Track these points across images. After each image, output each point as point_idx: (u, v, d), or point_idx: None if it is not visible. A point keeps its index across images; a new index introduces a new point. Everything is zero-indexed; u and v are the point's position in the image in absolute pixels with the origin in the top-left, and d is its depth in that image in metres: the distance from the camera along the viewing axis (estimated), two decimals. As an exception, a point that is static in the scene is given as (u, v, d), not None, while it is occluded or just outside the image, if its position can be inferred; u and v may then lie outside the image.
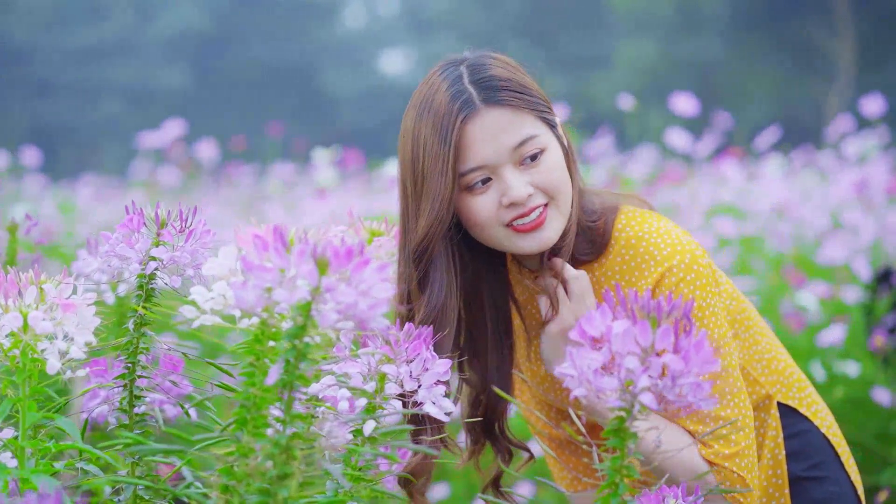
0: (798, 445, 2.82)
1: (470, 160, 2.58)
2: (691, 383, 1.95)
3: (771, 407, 2.80)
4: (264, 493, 1.87)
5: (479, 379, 2.82)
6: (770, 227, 6.21)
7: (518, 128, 2.58)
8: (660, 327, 1.95)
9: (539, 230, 2.61)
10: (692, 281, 2.60)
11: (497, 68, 2.63)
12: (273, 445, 1.89)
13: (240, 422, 1.94)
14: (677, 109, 6.65)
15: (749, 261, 6.13)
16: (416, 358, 2.21)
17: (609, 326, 1.97)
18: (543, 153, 2.60)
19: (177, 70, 33.69)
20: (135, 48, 33.55)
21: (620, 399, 1.95)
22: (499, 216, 2.60)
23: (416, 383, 2.21)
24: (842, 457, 2.84)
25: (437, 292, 2.64)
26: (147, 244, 2.23)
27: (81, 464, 2.15)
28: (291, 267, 1.87)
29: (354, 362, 2.21)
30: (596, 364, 1.95)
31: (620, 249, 2.67)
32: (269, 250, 1.89)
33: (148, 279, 2.25)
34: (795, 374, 2.86)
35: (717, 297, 2.63)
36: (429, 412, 2.19)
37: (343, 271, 1.87)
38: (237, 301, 1.87)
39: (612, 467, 2.00)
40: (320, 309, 1.86)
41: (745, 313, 2.82)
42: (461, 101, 2.58)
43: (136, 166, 9.95)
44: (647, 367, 1.94)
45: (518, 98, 2.60)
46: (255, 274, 1.86)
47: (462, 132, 2.57)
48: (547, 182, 2.59)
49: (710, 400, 1.97)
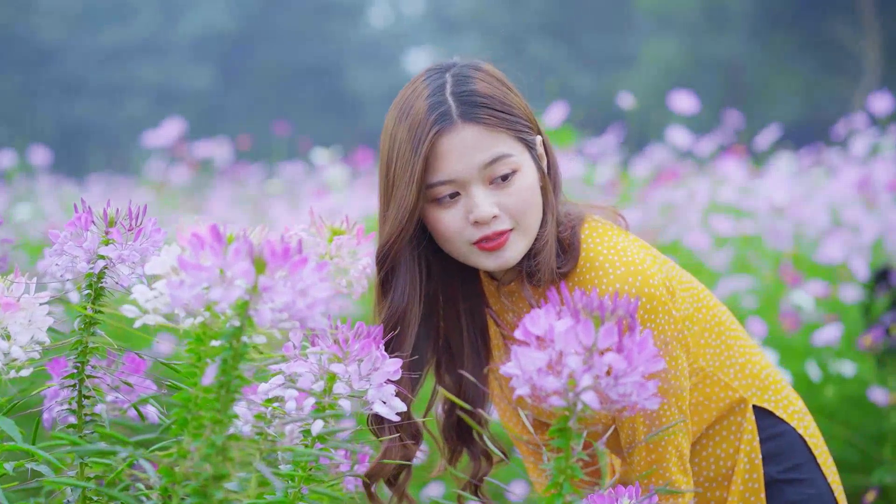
0: (774, 448, 2.80)
1: (439, 173, 2.56)
2: (635, 382, 1.93)
3: (746, 410, 2.78)
4: (200, 494, 1.86)
5: (455, 385, 2.81)
6: (769, 225, 6.17)
7: (491, 146, 2.56)
8: (603, 326, 1.93)
9: (500, 251, 2.59)
10: (642, 305, 2.57)
11: (481, 83, 2.60)
12: (209, 446, 1.87)
13: (180, 422, 1.93)
14: (678, 108, 6.63)
15: (747, 260, 6.09)
16: (366, 357, 2.20)
17: (551, 325, 1.95)
18: (515, 174, 2.58)
19: (203, 70, 33.75)
20: (161, 48, 33.64)
21: (563, 399, 1.93)
22: (464, 233, 2.58)
23: (367, 383, 2.19)
24: (819, 458, 2.82)
25: (398, 297, 2.64)
26: (95, 242, 2.22)
27: (32, 464, 2.14)
28: (228, 266, 1.85)
29: (303, 362, 2.19)
30: (539, 363, 1.93)
31: (580, 262, 2.65)
32: (205, 249, 1.87)
33: (97, 278, 2.24)
34: (771, 377, 2.84)
35: (669, 322, 2.61)
36: (378, 412, 2.17)
37: (280, 270, 1.86)
38: (172, 300, 1.86)
39: (556, 467, 1.99)
40: (257, 308, 1.84)
41: (716, 318, 2.80)
42: (438, 112, 2.56)
43: (149, 166, 9.96)
44: (590, 367, 1.92)
45: (496, 117, 2.57)
46: (190, 273, 1.85)
47: (434, 145, 2.55)
48: (514, 204, 2.57)
49: (655, 399, 1.95)
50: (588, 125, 8.04)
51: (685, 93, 6.74)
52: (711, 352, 2.77)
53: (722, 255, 6.00)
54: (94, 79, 32.76)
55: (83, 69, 32.81)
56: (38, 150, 9.50)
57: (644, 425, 2.63)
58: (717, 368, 2.77)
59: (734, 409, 2.78)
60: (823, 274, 6.01)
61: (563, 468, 1.98)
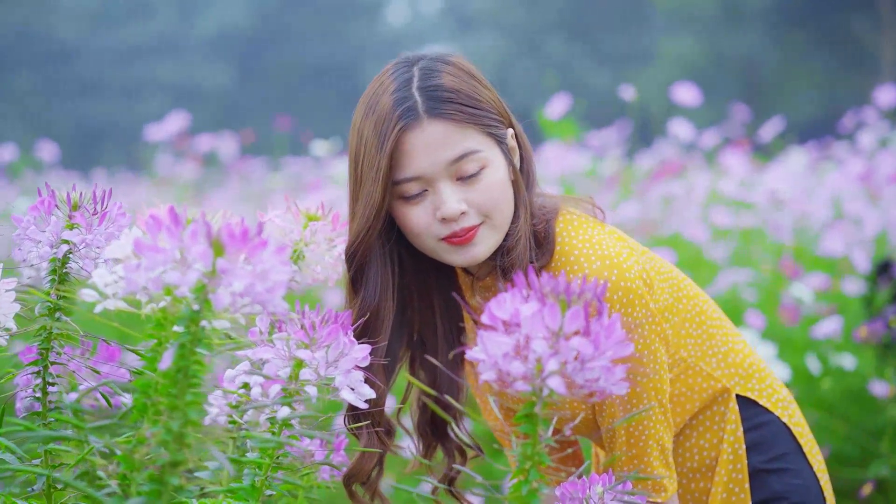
0: (759, 437, 2.76)
1: (406, 169, 2.52)
2: (602, 367, 1.90)
3: (729, 400, 2.74)
4: (156, 480, 1.83)
5: (429, 380, 2.78)
6: (770, 218, 6.12)
7: (458, 143, 2.51)
8: (569, 310, 1.90)
9: (468, 246, 2.55)
10: (619, 299, 2.53)
11: (448, 76, 2.55)
12: (165, 432, 1.84)
13: (139, 408, 1.90)
14: (680, 100, 6.59)
15: (748, 253, 6.04)
16: (334, 343, 2.17)
17: (517, 309, 1.92)
18: (484, 170, 2.53)
19: (220, 68, 33.78)
20: (179, 47, 33.68)
21: (529, 384, 1.89)
22: (431, 228, 2.55)
23: (334, 369, 2.16)
24: (804, 448, 2.78)
25: (370, 294, 2.61)
26: (59, 227, 2.19)
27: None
28: (185, 248, 1.82)
29: (269, 347, 2.16)
30: (505, 347, 1.90)
31: (554, 255, 2.61)
32: (163, 231, 1.84)
33: (61, 263, 2.21)
34: (755, 366, 2.80)
35: (646, 316, 2.57)
36: (345, 398, 2.14)
37: (240, 253, 1.83)
38: (127, 284, 1.83)
39: (521, 454, 1.95)
40: (216, 292, 1.81)
41: (697, 308, 2.76)
42: (403, 108, 2.52)
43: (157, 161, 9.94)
44: (557, 351, 1.89)
45: (463, 112, 2.52)
46: (146, 255, 1.82)
47: (399, 141, 2.51)
48: (483, 201, 2.53)
49: (623, 384, 1.91)
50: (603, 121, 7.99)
51: (689, 85, 6.70)
52: (693, 342, 2.73)
53: (721, 248, 5.95)
54: (111, 77, 32.81)
55: (101, 67, 32.86)
56: (46, 145, 9.50)
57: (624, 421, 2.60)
58: (699, 359, 2.73)
59: (717, 399, 2.75)
60: (825, 267, 5.96)
61: (529, 454, 1.95)
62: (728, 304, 5.30)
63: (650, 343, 2.58)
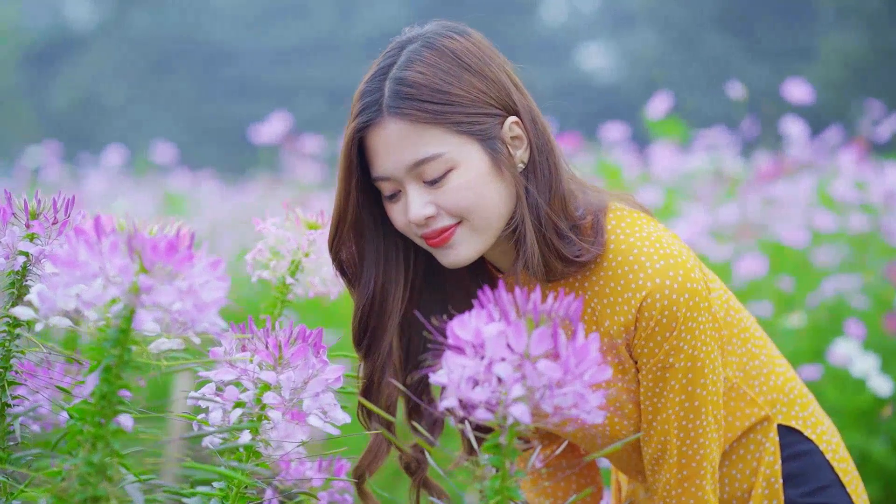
0: (797, 468, 2.50)
1: (377, 168, 2.33)
2: (574, 393, 1.70)
3: (769, 430, 2.49)
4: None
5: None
6: (885, 221, 5.78)
7: (417, 145, 2.29)
8: (536, 329, 1.70)
9: (448, 248, 2.34)
10: (685, 302, 2.30)
11: (419, 67, 2.32)
12: (85, 464, 1.69)
13: (72, 435, 1.75)
14: (793, 98, 6.29)
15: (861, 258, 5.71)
16: (302, 363, 2.00)
17: (478, 329, 1.72)
18: (451, 172, 2.29)
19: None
20: (336, 47, 33.89)
21: (489, 410, 1.70)
22: (411, 229, 2.35)
23: (302, 392, 1.99)
24: (845, 481, 2.52)
25: (365, 282, 2.42)
26: (15, 237, 2.05)
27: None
28: (104, 262, 1.67)
29: (230, 368, 1.99)
30: (468, 371, 1.71)
31: (608, 255, 2.36)
32: (80, 244, 1.69)
33: (21, 275, 2.06)
34: (796, 390, 2.54)
35: (710, 321, 2.34)
36: (314, 425, 1.97)
37: (165, 267, 1.67)
38: (40, 301, 1.68)
39: (491, 488, 1.76)
40: (136, 311, 1.65)
41: (742, 323, 2.51)
42: (367, 101, 2.32)
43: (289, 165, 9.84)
44: (523, 376, 1.69)
45: (424, 110, 2.28)
46: (63, 270, 1.67)
47: (363, 138, 2.33)
48: (452, 204, 2.30)
49: (598, 413, 1.71)
50: (761, 118, 7.62)
51: (799, 82, 6.39)
52: (736, 360, 2.48)
53: (826, 252, 5.64)
54: (267, 79, 33.13)
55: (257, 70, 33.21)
56: (162, 146, 9.53)
57: (678, 438, 2.37)
58: (742, 380, 2.48)
59: (756, 428, 2.50)
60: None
61: (497, 489, 1.76)
62: (831, 312, 5.01)
63: (710, 351, 2.34)
